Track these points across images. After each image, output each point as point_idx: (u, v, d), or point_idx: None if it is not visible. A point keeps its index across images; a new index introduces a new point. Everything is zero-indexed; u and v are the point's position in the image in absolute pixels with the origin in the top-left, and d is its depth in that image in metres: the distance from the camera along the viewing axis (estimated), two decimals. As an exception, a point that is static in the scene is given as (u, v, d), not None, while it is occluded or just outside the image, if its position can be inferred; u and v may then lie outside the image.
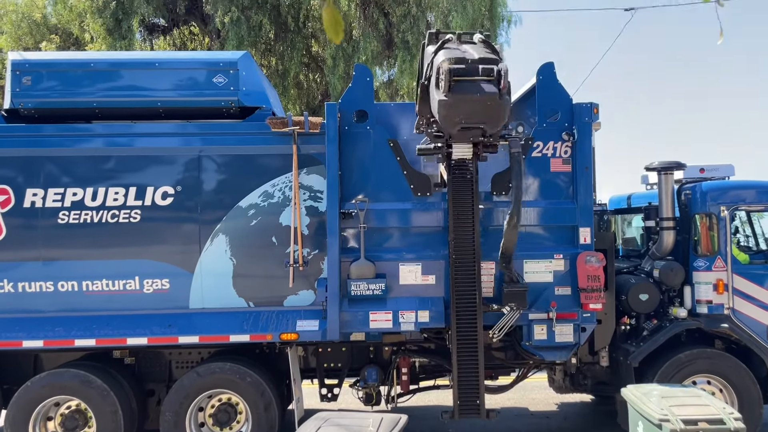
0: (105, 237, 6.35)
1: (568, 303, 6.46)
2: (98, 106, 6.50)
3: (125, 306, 6.38)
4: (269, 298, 6.47)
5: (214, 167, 6.46)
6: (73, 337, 6.29)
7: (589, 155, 6.55)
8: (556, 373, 7.62)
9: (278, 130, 6.35)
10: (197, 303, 6.43)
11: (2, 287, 6.32)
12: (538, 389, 9.25)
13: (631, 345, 6.90)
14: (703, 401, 4.87)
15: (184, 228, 6.43)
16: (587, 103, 6.55)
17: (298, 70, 16.76)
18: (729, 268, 6.77)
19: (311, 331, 6.35)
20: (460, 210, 6.25)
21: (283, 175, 6.45)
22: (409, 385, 7.04)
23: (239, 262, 6.43)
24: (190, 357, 6.91)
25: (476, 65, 5.21)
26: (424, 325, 6.38)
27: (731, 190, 7.01)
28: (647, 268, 7.31)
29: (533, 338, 6.40)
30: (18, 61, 6.48)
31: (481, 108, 5.20)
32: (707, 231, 6.87)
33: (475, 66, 5.21)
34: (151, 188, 6.37)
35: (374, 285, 6.32)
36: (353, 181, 6.46)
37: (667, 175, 7.04)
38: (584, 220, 6.50)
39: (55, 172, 6.35)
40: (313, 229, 6.48)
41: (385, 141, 6.49)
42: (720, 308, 6.74)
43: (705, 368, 6.71)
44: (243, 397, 6.45)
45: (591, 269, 6.35)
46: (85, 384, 6.29)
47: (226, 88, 6.49)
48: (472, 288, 6.25)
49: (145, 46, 17.23)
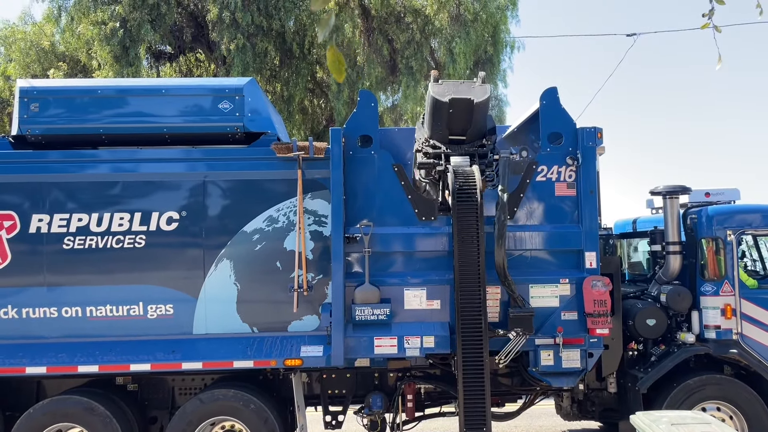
0: (110, 262, 6.35)
1: (575, 328, 6.40)
2: (105, 132, 6.55)
3: (129, 332, 6.35)
4: (273, 323, 6.43)
5: (219, 192, 6.47)
6: (77, 364, 6.25)
7: (593, 179, 6.55)
8: (563, 399, 7.51)
9: (283, 155, 6.37)
10: (201, 328, 6.39)
11: (6, 313, 6.31)
12: (545, 416, 9.13)
13: (639, 371, 6.82)
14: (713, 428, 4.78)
15: (189, 253, 6.42)
16: (591, 127, 6.56)
17: (302, 95, 16.92)
18: (737, 293, 6.71)
19: (315, 357, 6.30)
20: (464, 234, 6.23)
21: (287, 200, 6.46)
22: (414, 412, 6.96)
23: (243, 287, 6.41)
24: (194, 383, 6.85)
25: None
26: (429, 350, 6.32)
27: (737, 214, 6.98)
28: (654, 292, 7.26)
29: (540, 364, 6.33)
30: (26, 89, 6.55)
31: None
32: (714, 255, 6.83)
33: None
34: (156, 213, 6.38)
35: (379, 310, 6.28)
36: (358, 206, 6.46)
37: (673, 199, 7.02)
38: (590, 244, 6.47)
39: (61, 198, 6.37)
40: (317, 253, 6.46)
41: (390, 165, 6.50)
42: (728, 333, 6.67)
43: (714, 394, 6.62)
44: (246, 424, 6.37)
45: (597, 294, 6.31)
46: (87, 411, 6.23)
47: (232, 114, 6.53)
48: (477, 313, 6.19)
49: (151, 72, 17.44)
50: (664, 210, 7.07)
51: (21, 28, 19.36)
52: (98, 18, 15.19)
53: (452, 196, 6.32)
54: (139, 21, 14.95)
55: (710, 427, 4.82)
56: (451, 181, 6.35)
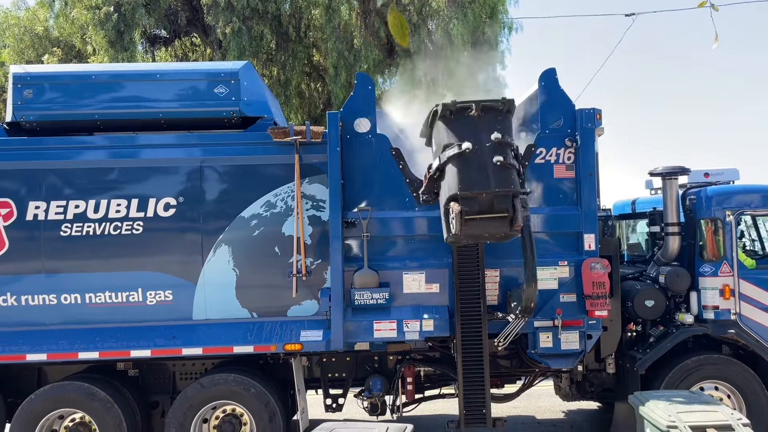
0: (107, 249, 6.34)
1: (574, 310, 6.41)
2: (100, 118, 6.50)
3: (128, 318, 6.36)
4: (273, 308, 6.44)
5: (216, 177, 6.45)
6: (77, 350, 6.27)
7: (592, 161, 6.52)
8: (562, 380, 7.55)
9: (280, 139, 6.33)
10: (201, 314, 6.40)
11: (5, 300, 6.31)
12: (544, 397, 9.18)
13: (638, 352, 6.85)
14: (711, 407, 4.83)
15: (187, 239, 6.41)
16: (590, 108, 6.51)
17: (299, 79, 16.80)
18: (735, 273, 6.72)
19: (315, 342, 6.32)
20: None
21: (285, 184, 6.43)
22: (414, 395, 6.99)
23: (242, 272, 6.41)
24: (194, 368, 6.88)
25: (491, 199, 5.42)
26: (428, 334, 6.34)
27: (736, 195, 6.97)
28: (653, 273, 7.27)
29: (539, 346, 6.35)
30: (20, 74, 6.50)
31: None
32: (713, 236, 6.83)
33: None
34: (153, 199, 6.36)
35: (378, 294, 6.28)
36: (356, 190, 6.44)
37: (672, 180, 7.00)
38: (588, 226, 6.46)
39: (57, 185, 6.34)
40: (315, 238, 6.45)
41: (388, 149, 6.47)
42: (727, 314, 6.68)
43: (712, 374, 6.65)
44: (247, 408, 6.40)
45: (596, 276, 6.31)
46: (89, 396, 6.26)
47: (228, 98, 6.49)
48: (476, 296, 6.22)
49: (146, 57, 17.29)
50: (663, 191, 7.05)
51: (14, 14, 19.18)
52: (92, 2, 15.04)
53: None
54: (133, 5, 14.81)
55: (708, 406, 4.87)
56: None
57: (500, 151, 5.55)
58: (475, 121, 5.62)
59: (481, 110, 5.63)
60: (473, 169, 5.50)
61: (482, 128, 5.59)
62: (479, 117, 5.63)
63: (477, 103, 5.64)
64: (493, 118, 5.64)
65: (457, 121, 5.67)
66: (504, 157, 5.52)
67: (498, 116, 5.67)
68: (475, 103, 5.63)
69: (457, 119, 5.68)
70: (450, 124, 5.71)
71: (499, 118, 5.66)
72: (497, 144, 5.54)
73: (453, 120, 5.69)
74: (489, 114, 5.65)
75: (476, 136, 5.57)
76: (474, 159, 5.52)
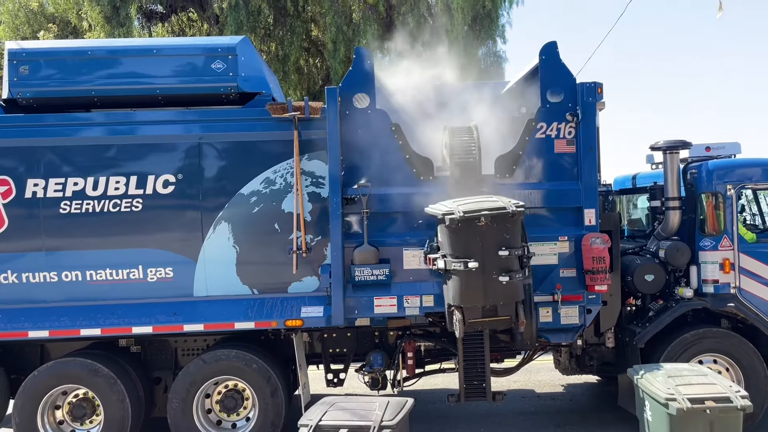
0: (107, 226, 6.34)
1: (574, 285, 6.43)
2: (97, 94, 6.45)
3: (130, 295, 6.38)
4: (273, 284, 6.46)
5: (215, 154, 6.42)
6: (79, 327, 6.30)
7: (593, 135, 6.48)
8: (561, 354, 7.61)
9: (278, 115, 6.29)
10: (201, 291, 6.42)
11: (6, 278, 6.33)
12: (544, 371, 9.26)
13: (637, 326, 6.88)
14: (710, 380, 4.86)
15: (187, 216, 6.41)
16: (591, 82, 6.46)
17: (298, 55, 16.62)
18: (735, 247, 6.72)
19: (316, 317, 6.35)
20: (463, 193, 6.20)
21: (284, 161, 6.41)
22: (414, 369, 7.05)
23: (242, 249, 6.41)
24: (196, 344, 6.92)
25: None
26: (428, 309, 6.37)
27: (738, 168, 6.94)
28: (653, 248, 7.27)
29: (539, 321, 6.38)
30: (15, 51, 6.43)
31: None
32: (713, 210, 6.81)
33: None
34: (152, 176, 6.34)
35: (378, 270, 6.29)
36: (355, 166, 6.41)
37: (673, 154, 6.96)
38: (589, 201, 6.45)
39: (55, 162, 6.32)
40: (315, 215, 6.44)
41: (387, 124, 6.42)
42: (726, 287, 6.70)
43: (711, 347, 6.69)
44: (249, 383, 6.46)
45: (596, 250, 6.31)
46: (92, 373, 6.31)
47: (225, 73, 6.43)
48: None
49: (143, 33, 17.11)
50: (664, 165, 7.02)
51: (9, -11, 18.90)
52: (87, -23, 14.84)
53: (449, 154, 6.27)
54: (129, -21, 14.61)
55: (707, 378, 4.90)
56: (449, 138, 6.29)
57: (508, 265, 5.42)
58: (482, 230, 5.35)
59: (490, 220, 5.35)
60: (478, 284, 5.40)
61: (489, 239, 5.37)
62: (487, 226, 5.34)
63: (486, 215, 5.32)
64: (502, 227, 5.40)
65: (464, 230, 5.39)
66: (511, 276, 5.38)
67: (507, 224, 5.43)
68: (484, 216, 5.31)
69: (464, 228, 5.38)
70: (456, 233, 5.44)
71: (507, 226, 5.43)
72: (505, 258, 5.38)
73: (460, 229, 5.40)
74: (497, 222, 5.37)
75: (483, 246, 5.39)
76: (479, 274, 5.37)
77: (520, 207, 5.46)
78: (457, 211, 5.34)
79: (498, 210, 5.35)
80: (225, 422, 6.60)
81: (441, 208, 5.58)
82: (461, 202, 5.61)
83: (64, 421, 6.49)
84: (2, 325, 6.30)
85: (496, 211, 5.33)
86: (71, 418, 6.46)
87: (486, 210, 5.33)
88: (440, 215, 5.48)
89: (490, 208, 5.35)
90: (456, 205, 5.49)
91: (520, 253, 5.57)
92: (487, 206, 5.37)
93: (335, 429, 4.30)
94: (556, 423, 7.43)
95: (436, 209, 5.66)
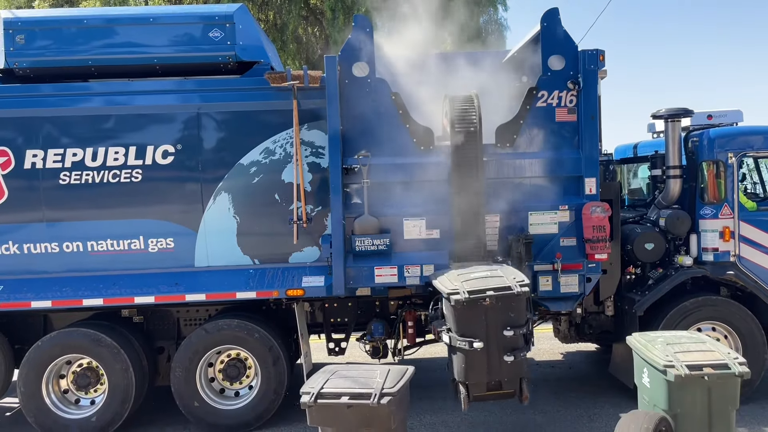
0: (107, 197, 6.34)
1: (574, 254, 6.45)
2: (94, 63, 6.39)
3: (131, 265, 6.41)
4: (274, 255, 6.48)
5: (214, 124, 6.38)
6: (81, 297, 6.34)
7: (595, 104, 6.43)
8: (561, 323, 7.67)
9: (277, 84, 6.23)
10: (203, 261, 6.45)
11: (8, 249, 6.35)
12: (543, 340, 9.34)
13: (637, 294, 6.91)
14: (708, 347, 4.88)
15: (186, 187, 6.40)
16: (593, 50, 6.38)
17: (296, 23, 16.42)
18: (736, 215, 6.72)
19: (317, 287, 6.38)
20: (463, 163, 6.18)
21: (284, 131, 6.37)
22: (415, 338, 7.10)
23: (243, 220, 6.42)
24: (198, 314, 6.96)
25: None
26: (429, 278, 6.39)
27: (739, 136, 6.90)
28: (653, 217, 7.27)
29: (538, 289, 6.42)
30: (10, 20, 6.35)
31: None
32: (714, 178, 6.80)
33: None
34: (151, 147, 6.31)
35: (379, 240, 6.31)
36: (355, 136, 6.37)
37: (675, 122, 6.92)
38: (589, 170, 6.43)
39: (54, 133, 6.28)
40: (315, 185, 6.43)
41: (387, 93, 6.37)
42: (726, 255, 6.72)
43: (710, 315, 6.73)
44: (251, 352, 6.52)
45: (596, 219, 6.32)
46: (95, 342, 6.37)
47: (223, 42, 6.36)
48: (476, 241, 6.22)
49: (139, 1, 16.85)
50: (666, 133, 6.98)
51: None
52: (81, -56, 14.57)
53: (450, 123, 6.23)
54: (123, -54, 14.35)
55: (705, 345, 4.91)
56: (449, 107, 6.24)
57: (512, 343, 5.30)
58: (487, 308, 5.22)
59: (495, 300, 5.20)
60: (483, 362, 5.29)
61: (494, 318, 5.24)
62: (492, 305, 5.21)
63: (491, 296, 5.18)
64: (507, 306, 5.26)
65: (469, 310, 5.23)
66: (516, 354, 5.29)
67: (512, 303, 5.27)
68: (489, 297, 5.18)
69: (469, 308, 5.23)
70: (461, 313, 5.27)
71: (512, 305, 5.28)
72: (510, 337, 5.27)
73: (465, 309, 5.24)
74: (502, 302, 5.23)
75: (488, 325, 5.25)
76: (484, 353, 5.26)
77: (525, 286, 5.27)
78: (462, 291, 5.19)
79: (503, 290, 5.21)
80: (228, 390, 6.69)
81: (446, 285, 5.43)
82: (466, 276, 5.50)
83: (68, 389, 6.58)
84: (5, 295, 6.34)
85: (501, 291, 5.20)
86: (75, 387, 6.54)
87: (491, 290, 5.19)
88: (445, 294, 5.36)
89: (495, 287, 5.21)
90: (461, 283, 5.35)
91: (525, 331, 5.40)
92: (492, 285, 5.25)
93: (337, 396, 4.34)
94: (554, 390, 7.52)
95: (442, 286, 5.50)
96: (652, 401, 4.88)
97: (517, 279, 5.35)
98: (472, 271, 5.63)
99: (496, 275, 5.46)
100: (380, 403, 4.24)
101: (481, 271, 5.62)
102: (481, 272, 5.57)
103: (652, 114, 7.23)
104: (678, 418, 4.63)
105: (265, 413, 6.53)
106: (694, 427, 4.64)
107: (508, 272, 5.54)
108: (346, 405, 4.31)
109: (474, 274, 5.53)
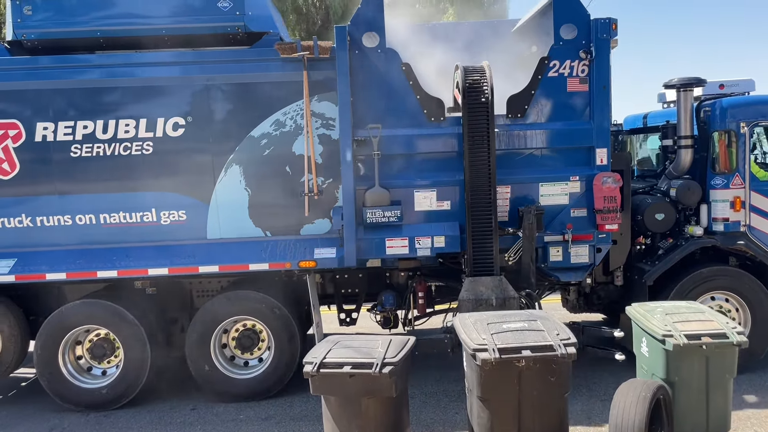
0: (118, 170, 6.35)
1: (584, 224, 6.46)
2: (102, 35, 6.34)
3: (144, 238, 6.44)
4: (286, 227, 6.50)
5: (223, 96, 6.35)
6: (95, 269, 6.39)
7: (606, 73, 6.37)
8: (570, 293, 7.69)
9: (287, 56, 6.18)
10: (215, 233, 6.48)
11: (21, 221, 6.38)
12: (551, 310, 9.29)
13: (646, 264, 6.93)
14: (707, 317, 4.88)
15: (197, 159, 6.40)
16: (605, 18, 6.30)
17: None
18: (747, 185, 6.71)
19: (329, 259, 6.42)
20: (475, 134, 6.16)
21: (294, 102, 6.34)
22: (425, 309, 7.15)
23: (254, 192, 6.43)
24: (210, 286, 7.02)
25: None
26: (440, 250, 6.42)
27: (752, 106, 6.85)
28: (664, 187, 7.26)
29: (549, 260, 6.45)
30: (17, -9, 6.28)
31: None
32: (726, 148, 6.77)
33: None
34: (161, 119, 6.30)
35: (389, 212, 6.32)
36: (366, 107, 6.33)
37: (687, 92, 6.86)
38: (601, 140, 6.40)
39: (64, 105, 6.26)
40: (326, 157, 6.42)
41: (398, 64, 6.32)
42: (736, 225, 6.72)
43: (724, 285, 6.74)
44: (268, 326, 6.58)
45: (607, 190, 6.32)
46: (114, 315, 6.42)
47: (232, 12, 6.31)
48: (487, 212, 6.22)
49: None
50: (678, 103, 6.93)
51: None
52: None
53: (462, 93, 6.19)
54: None
55: (704, 315, 4.92)
56: (461, 78, 6.19)
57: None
58: (520, 371, 4.24)
59: (532, 362, 4.20)
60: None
61: (529, 383, 4.27)
62: (528, 367, 4.22)
63: (528, 357, 4.18)
64: (547, 369, 4.25)
65: (498, 371, 4.20)
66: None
67: (553, 365, 4.23)
68: (526, 358, 4.18)
69: (498, 369, 4.19)
70: (489, 375, 4.22)
71: (554, 367, 4.24)
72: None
73: (493, 370, 4.19)
74: (542, 364, 4.22)
75: (521, 391, 4.28)
76: (515, 422, 4.28)
77: (571, 345, 4.22)
78: (492, 349, 4.15)
79: (544, 350, 4.19)
80: (238, 359, 6.78)
81: (473, 338, 4.35)
82: (497, 325, 4.51)
83: (83, 356, 6.67)
84: (20, 268, 6.39)
85: (541, 352, 4.17)
86: (90, 356, 6.64)
87: (528, 348, 4.19)
88: (470, 350, 4.27)
89: (534, 346, 4.20)
90: (490, 335, 4.33)
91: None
92: (530, 342, 4.24)
93: (339, 365, 4.38)
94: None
95: (467, 337, 4.41)
96: (651, 370, 4.93)
97: (561, 336, 4.30)
98: (504, 319, 4.66)
99: (535, 328, 4.46)
100: (382, 373, 4.28)
101: (516, 320, 4.64)
102: (516, 321, 4.60)
103: (664, 83, 7.17)
104: (676, 386, 4.69)
105: (273, 386, 6.63)
106: (692, 396, 4.70)
107: (550, 326, 4.50)
108: (349, 374, 4.35)
109: (507, 324, 4.54)
